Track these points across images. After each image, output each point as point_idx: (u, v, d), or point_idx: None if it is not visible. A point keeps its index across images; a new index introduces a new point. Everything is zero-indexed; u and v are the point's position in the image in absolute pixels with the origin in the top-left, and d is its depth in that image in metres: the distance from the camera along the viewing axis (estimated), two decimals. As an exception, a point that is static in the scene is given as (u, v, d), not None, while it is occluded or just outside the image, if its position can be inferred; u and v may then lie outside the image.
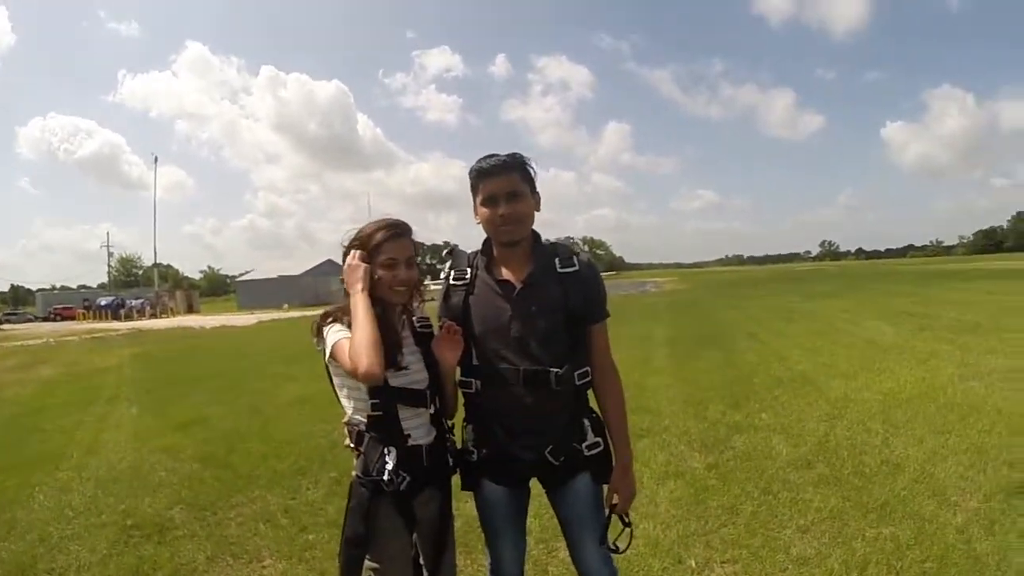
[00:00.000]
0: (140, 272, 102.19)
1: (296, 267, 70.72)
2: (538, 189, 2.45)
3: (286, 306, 55.27)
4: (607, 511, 2.46)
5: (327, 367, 2.35)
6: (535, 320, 2.33)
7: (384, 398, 2.24)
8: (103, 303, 60.14)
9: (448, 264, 2.54)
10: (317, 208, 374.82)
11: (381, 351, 2.08)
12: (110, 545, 4.52)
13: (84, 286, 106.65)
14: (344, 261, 2.35)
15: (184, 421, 8.39)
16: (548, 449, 2.35)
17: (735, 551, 3.87)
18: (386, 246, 2.28)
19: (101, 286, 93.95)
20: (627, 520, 2.47)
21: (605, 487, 2.47)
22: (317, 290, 61.72)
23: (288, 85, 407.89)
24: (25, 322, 60.84)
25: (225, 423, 8.20)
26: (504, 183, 2.33)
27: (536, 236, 2.47)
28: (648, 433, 6.15)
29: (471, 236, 2.63)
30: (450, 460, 2.46)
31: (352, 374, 2.10)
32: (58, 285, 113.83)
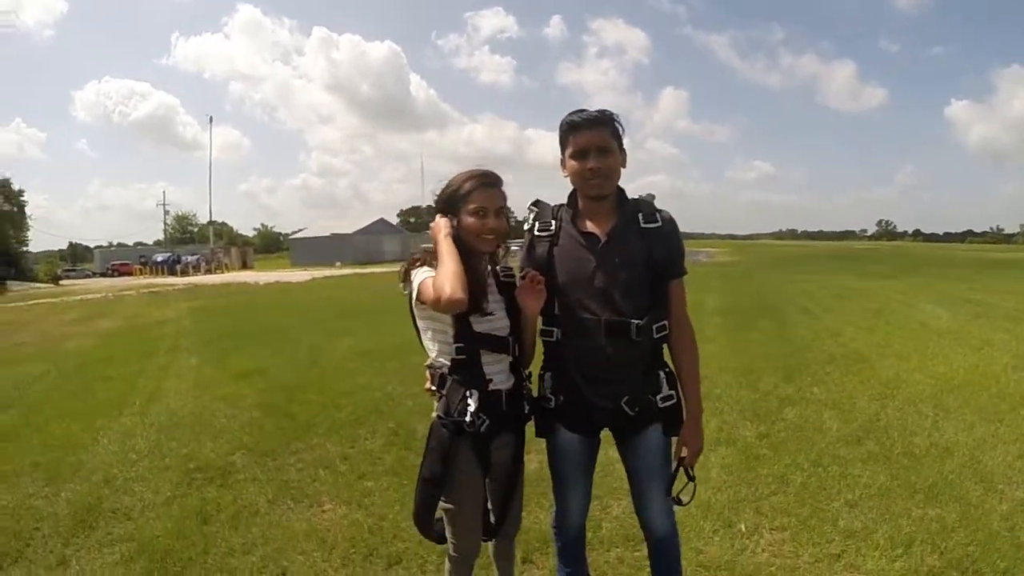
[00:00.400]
0: (195, 229, 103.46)
1: (349, 226, 71.21)
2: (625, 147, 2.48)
3: (338, 264, 55.74)
4: (675, 464, 2.53)
5: (412, 311, 2.43)
6: (618, 272, 2.39)
7: (468, 342, 2.31)
8: (159, 259, 61.42)
9: (533, 215, 2.59)
10: (370, 168, 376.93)
11: (464, 282, 2.13)
12: (174, 487, 4.70)
13: (141, 243, 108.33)
14: (436, 208, 2.41)
15: (243, 372, 8.62)
16: (625, 399, 2.42)
17: (784, 519, 3.92)
18: (475, 195, 2.32)
19: (157, 243, 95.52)
20: (692, 474, 2.54)
21: (674, 440, 2.53)
22: (369, 249, 62.33)
23: (340, 46, 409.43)
24: (84, 278, 62.24)
25: (283, 374, 8.40)
26: (595, 137, 2.38)
27: (621, 191, 2.52)
28: (701, 399, 6.06)
29: (522, 196, 2.69)
30: (526, 407, 2.52)
31: (435, 305, 2.15)
32: (115, 242, 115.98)
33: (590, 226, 2.47)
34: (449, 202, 2.37)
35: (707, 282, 20.90)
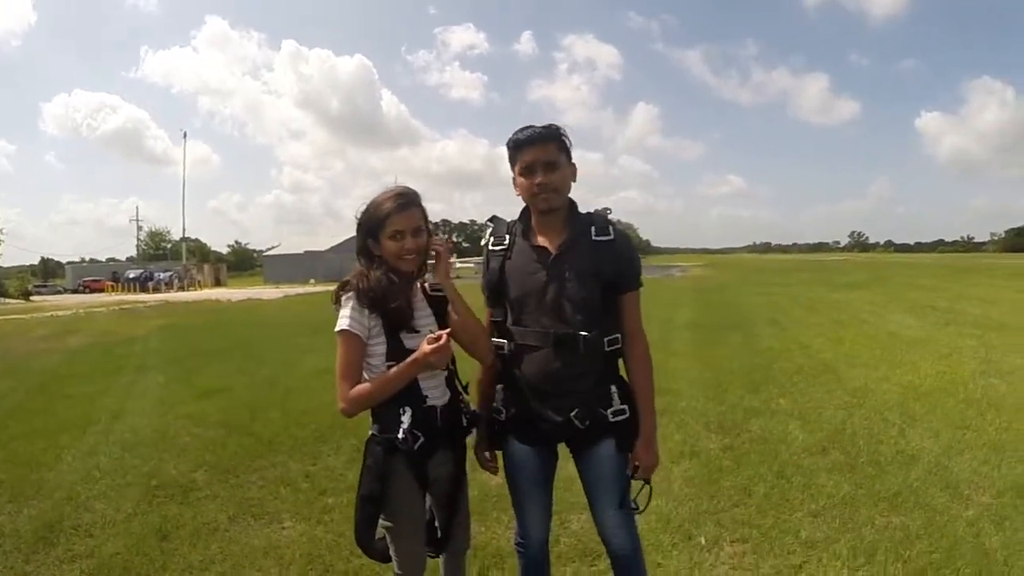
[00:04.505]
0: (169, 246, 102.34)
1: (321, 243, 71.04)
2: (573, 160, 2.50)
3: (312, 281, 55.59)
4: (629, 474, 2.49)
5: None
6: (569, 285, 2.39)
7: (400, 359, 2.28)
8: (132, 276, 60.68)
9: (489, 231, 2.61)
10: (342, 184, 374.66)
11: (365, 407, 2.31)
12: (135, 504, 4.65)
13: (113, 259, 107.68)
14: (358, 232, 2.42)
15: (209, 390, 8.56)
16: (574, 412, 2.40)
17: (745, 531, 3.92)
18: (392, 218, 2.32)
19: (130, 259, 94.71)
20: (647, 479, 2.51)
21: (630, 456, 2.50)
22: (343, 265, 61.87)
23: (310, 61, 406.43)
24: (55, 294, 61.36)
25: (248, 392, 8.35)
26: (541, 152, 2.39)
27: (573, 205, 2.53)
28: (665, 413, 6.15)
29: (495, 213, 2.69)
30: (464, 421, 2.50)
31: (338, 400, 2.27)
32: (87, 258, 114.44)
33: (541, 240, 2.47)
34: (369, 226, 2.37)
35: (679, 296, 21.04)
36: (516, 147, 2.44)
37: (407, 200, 2.36)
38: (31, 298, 51.70)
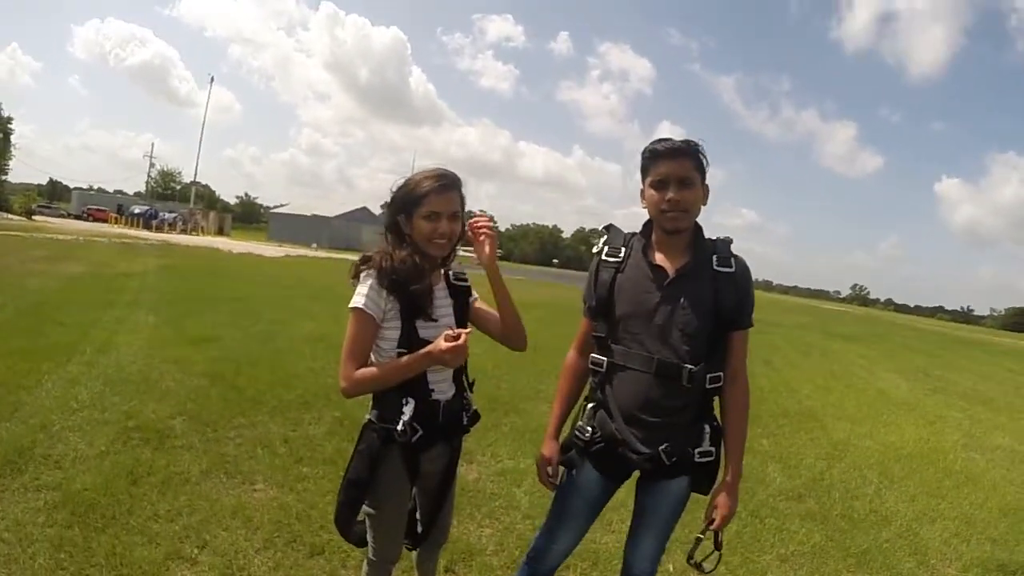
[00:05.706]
0: (178, 187, 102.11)
1: (331, 209, 71.22)
2: (707, 181, 2.37)
3: (315, 245, 55.58)
4: (703, 527, 2.46)
5: None
6: (682, 312, 2.27)
7: (412, 348, 2.22)
8: (137, 211, 60.75)
9: (603, 240, 2.47)
10: (359, 154, 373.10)
11: (367, 391, 2.30)
12: (109, 443, 4.62)
13: (121, 192, 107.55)
14: (390, 207, 2.34)
15: (198, 337, 8.53)
16: (664, 447, 2.30)
17: (713, 566, 3.91)
18: (430, 198, 2.23)
19: (137, 195, 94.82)
20: (720, 541, 2.48)
21: (694, 497, 2.47)
22: (348, 235, 62.06)
23: (346, 25, 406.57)
24: (58, 217, 61.26)
25: (238, 346, 8.31)
26: (677, 167, 2.26)
27: (698, 228, 2.40)
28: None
29: (506, 207, 2.61)
30: (465, 419, 2.44)
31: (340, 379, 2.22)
32: (96, 186, 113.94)
33: (660, 259, 2.34)
34: (404, 203, 2.28)
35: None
36: (652, 157, 2.30)
37: (448, 182, 2.28)
38: (33, 217, 51.68)
